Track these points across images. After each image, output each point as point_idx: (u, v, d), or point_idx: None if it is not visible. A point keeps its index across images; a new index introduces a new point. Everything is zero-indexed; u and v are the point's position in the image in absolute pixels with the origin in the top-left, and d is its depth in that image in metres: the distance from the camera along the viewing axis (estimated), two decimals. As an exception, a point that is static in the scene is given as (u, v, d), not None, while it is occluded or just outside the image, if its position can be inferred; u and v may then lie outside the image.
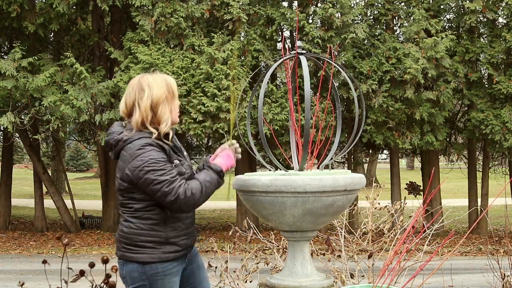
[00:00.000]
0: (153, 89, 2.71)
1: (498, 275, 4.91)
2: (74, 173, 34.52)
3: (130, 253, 2.74)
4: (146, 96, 2.70)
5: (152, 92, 2.70)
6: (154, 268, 2.71)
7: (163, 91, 2.72)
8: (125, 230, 2.75)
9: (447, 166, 18.78)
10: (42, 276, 8.84)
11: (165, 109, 2.72)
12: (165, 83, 2.75)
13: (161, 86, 2.73)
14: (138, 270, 2.73)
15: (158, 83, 2.73)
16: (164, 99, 2.72)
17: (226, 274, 4.40)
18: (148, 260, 2.71)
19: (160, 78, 2.76)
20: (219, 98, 11.85)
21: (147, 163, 2.60)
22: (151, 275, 2.72)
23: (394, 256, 3.02)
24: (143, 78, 2.77)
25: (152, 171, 2.60)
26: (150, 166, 2.60)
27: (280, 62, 3.54)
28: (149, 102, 2.69)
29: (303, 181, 3.15)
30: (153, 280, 2.72)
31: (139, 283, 2.74)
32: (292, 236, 3.44)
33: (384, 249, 4.56)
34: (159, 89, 2.72)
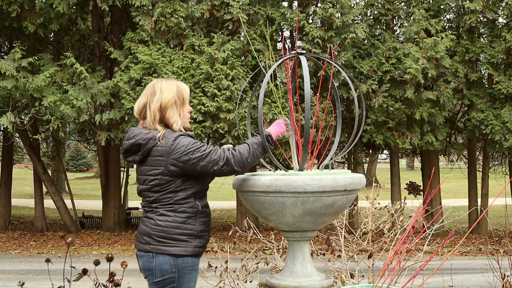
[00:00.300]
0: (163, 93, 2.94)
1: (498, 275, 4.92)
2: (74, 173, 34.53)
3: (163, 246, 2.88)
4: (156, 99, 2.93)
5: (162, 96, 2.93)
6: (186, 261, 2.89)
7: (172, 96, 2.94)
8: (161, 223, 2.89)
9: (447, 166, 18.78)
10: (42, 276, 8.86)
11: (173, 112, 2.94)
12: (176, 89, 2.97)
13: (172, 91, 2.95)
14: (170, 262, 2.88)
15: (170, 88, 2.96)
16: (172, 104, 2.93)
17: (226, 274, 4.40)
18: (182, 253, 2.88)
19: (173, 84, 2.98)
20: (219, 98, 11.85)
21: (188, 145, 2.84)
22: (182, 268, 2.89)
23: (394, 256, 3.02)
24: (157, 82, 3.01)
25: (196, 149, 2.84)
26: (193, 146, 2.84)
27: (280, 62, 3.54)
28: (158, 105, 2.92)
29: (303, 181, 3.15)
30: (183, 273, 2.89)
31: (168, 275, 2.88)
32: (292, 236, 3.44)
33: (384, 249, 4.56)
34: (169, 94, 2.93)
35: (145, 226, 2.95)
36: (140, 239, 2.96)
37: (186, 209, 2.90)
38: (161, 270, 2.89)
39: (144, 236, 2.93)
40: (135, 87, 12.27)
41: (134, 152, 2.95)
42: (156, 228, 2.90)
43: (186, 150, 2.83)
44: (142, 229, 2.97)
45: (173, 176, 2.87)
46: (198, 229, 2.93)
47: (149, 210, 2.96)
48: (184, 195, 2.90)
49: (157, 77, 12.02)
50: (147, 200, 2.96)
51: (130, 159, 2.99)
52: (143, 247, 2.93)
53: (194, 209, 2.93)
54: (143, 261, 2.95)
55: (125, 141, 2.98)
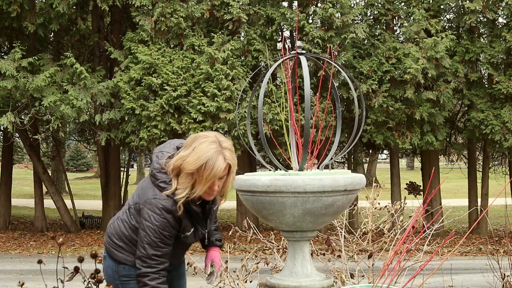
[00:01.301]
0: (190, 156, 2.53)
1: (498, 275, 4.91)
2: (74, 173, 34.51)
3: (110, 247, 2.76)
4: (181, 155, 2.56)
5: (187, 158, 2.53)
6: (128, 269, 2.71)
7: (194, 167, 2.51)
8: (117, 227, 2.76)
9: (447, 166, 18.77)
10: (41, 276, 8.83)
11: (186, 179, 2.54)
12: (202, 164, 2.50)
13: (197, 162, 2.50)
14: (112, 268, 2.75)
15: (199, 155, 2.51)
16: (189, 173, 2.52)
17: (226, 274, 4.40)
18: (122, 261, 2.71)
19: (207, 155, 2.51)
20: (219, 98, 11.85)
21: (150, 225, 2.56)
22: (123, 275, 2.72)
23: (394, 256, 3.02)
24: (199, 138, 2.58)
25: (147, 234, 2.56)
26: (150, 230, 2.55)
27: (280, 62, 3.54)
28: (179, 164, 2.55)
29: (303, 181, 3.15)
30: (125, 282, 2.72)
31: (112, 281, 2.75)
32: (292, 236, 3.44)
33: (384, 249, 4.56)
34: (193, 163, 2.51)
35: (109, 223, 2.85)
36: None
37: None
38: (107, 274, 2.77)
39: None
40: (135, 87, 12.27)
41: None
42: (111, 227, 2.79)
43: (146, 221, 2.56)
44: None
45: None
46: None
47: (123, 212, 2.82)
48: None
49: (157, 77, 12.02)
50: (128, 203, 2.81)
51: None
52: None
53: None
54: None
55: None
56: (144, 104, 11.99)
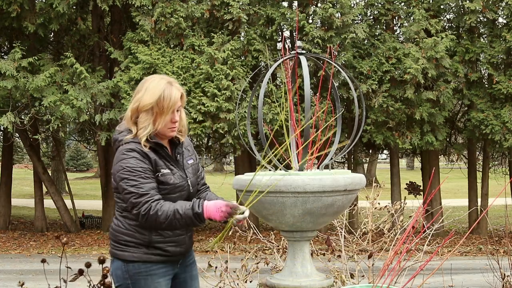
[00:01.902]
0: (145, 94, 2.66)
1: (498, 275, 4.91)
2: (74, 173, 34.51)
3: (115, 250, 2.76)
4: (137, 98, 2.69)
5: (142, 97, 2.66)
6: (137, 267, 2.70)
7: (151, 102, 2.64)
8: (114, 227, 2.78)
9: (447, 166, 18.78)
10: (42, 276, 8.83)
11: (146, 117, 2.65)
12: (159, 96, 2.64)
13: (154, 95, 2.64)
14: (121, 268, 2.74)
15: (154, 92, 2.65)
16: (149, 109, 2.65)
17: (226, 274, 4.40)
18: (130, 258, 2.70)
19: (160, 88, 2.66)
20: (219, 98, 11.85)
21: (123, 171, 2.60)
22: (133, 274, 2.71)
23: (394, 256, 3.02)
24: (147, 80, 2.74)
25: (125, 179, 2.60)
26: (125, 174, 2.60)
27: (280, 62, 3.54)
28: (136, 106, 2.68)
29: (303, 181, 3.15)
30: (136, 279, 2.71)
31: (122, 281, 2.74)
32: (292, 236, 3.44)
33: (384, 249, 4.56)
34: (150, 98, 2.64)
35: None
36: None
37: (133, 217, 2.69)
38: (116, 276, 2.76)
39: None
40: (135, 87, 12.23)
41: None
42: (111, 231, 2.80)
43: (118, 172, 2.62)
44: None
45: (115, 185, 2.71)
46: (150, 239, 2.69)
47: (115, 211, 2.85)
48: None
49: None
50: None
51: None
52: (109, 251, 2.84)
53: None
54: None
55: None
56: (144, 104, 11.98)
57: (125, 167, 2.60)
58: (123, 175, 2.60)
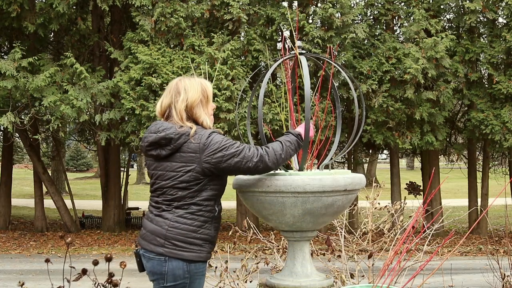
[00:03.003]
0: (188, 92, 2.88)
1: (498, 275, 4.92)
2: (74, 173, 34.52)
3: (179, 251, 2.79)
4: (181, 99, 2.87)
5: (188, 95, 2.87)
6: (198, 267, 2.84)
7: (198, 95, 2.89)
8: (179, 225, 2.79)
9: (447, 166, 18.78)
10: (42, 276, 8.85)
11: (200, 111, 2.89)
12: (201, 88, 2.92)
13: (197, 90, 2.90)
14: (183, 268, 2.81)
15: (194, 87, 2.90)
16: (198, 103, 2.89)
17: (226, 274, 4.40)
18: (196, 258, 2.82)
19: (196, 82, 2.93)
20: (219, 98, 11.85)
21: (222, 142, 2.80)
22: (194, 273, 2.83)
23: (394, 256, 3.02)
24: (180, 81, 2.93)
25: (230, 145, 2.80)
26: (227, 143, 2.80)
27: (280, 62, 3.54)
28: (184, 105, 2.87)
29: (303, 181, 3.15)
30: (194, 279, 2.85)
31: (181, 280, 2.82)
32: (292, 236, 3.44)
33: (384, 249, 4.56)
34: (194, 93, 2.89)
35: (159, 226, 2.81)
36: (151, 240, 2.81)
37: (204, 212, 2.83)
38: (174, 275, 2.79)
39: (157, 238, 2.79)
40: (135, 87, 12.27)
41: (161, 146, 2.81)
42: (173, 230, 2.79)
43: (220, 147, 2.79)
44: (154, 229, 2.82)
45: (204, 175, 2.81)
46: (212, 234, 2.89)
47: (166, 209, 2.82)
48: (207, 195, 2.84)
49: (157, 77, 12.03)
50: (167, 198, 2.82)
51: (154, 153, 2.85)
52: (155, 249, 2.79)
53: (212, 214, 2.87)
54: (153, 264, 2.81)
55: (152, 134, 2.84)
56: (144, 104, 11.99)
57: (221, 139, 2.81)
58: (226, 144, 2.80)
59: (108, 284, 2.85)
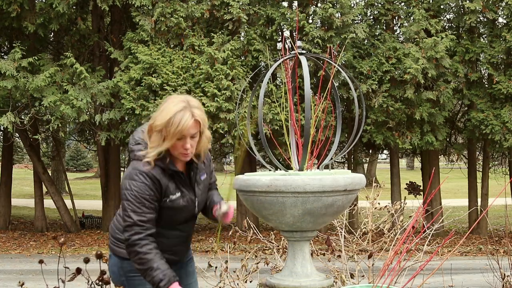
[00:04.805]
0: (159, 114, 2.58)
1: (498, 275, 4.92)
2: (74, 173, 34.51)
3: (113, 246, 2.77)
4: (154, 115, 2.62)
5: (157, 116, 2.58)
6: (132, 265, 2.68)
7: (161, 122, 2.55)
8: (114, 223, 2.79)
9: (447, 166, 18.78)
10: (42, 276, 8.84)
11: (156, 137, 2.58)
12: (168, 120, 2.54)
13: (164, 118, 2.54)
14: (117, 264, 2.75)
15: (166, 113, 2.55)
16: (158, 130, 2.56)
17: (226, 274, 4.40)
18: (126, 256, 2.68)
19: (172, 111, 2.55)
20: (219, 98, 11.85)
21: (130, 192, 2.57)
22: (128, 271, 2.72)
23: (394, 256, 3.02)
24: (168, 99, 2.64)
25: (129, 201, 2.56)
26: (131, 197, 2.56)
27: (280, 62, 3.54)
28: (151, 123, 2.61)
29: (303, 181, 3.15)
30: (130, 277, 2.72)
31: (117, 278, 2.76)
32: (292, 236, 3.44)
33: (384, 249, 4.56)
34: (161, 119, 2.56)
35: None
36: None
37: None
38: (112, 272, 2.77)
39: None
40: (135, 87, 12.27)
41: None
42: (111, 227, 2.80)
43: (126, 191, 2.58)
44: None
45: None
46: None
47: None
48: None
49: (157, 77, 12.03)
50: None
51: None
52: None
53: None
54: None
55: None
56: (144, 104, 11.99)
57: (133, 189, 2.57)
58: (129, 197, 2.57)
59: (100, 282, 2.84)
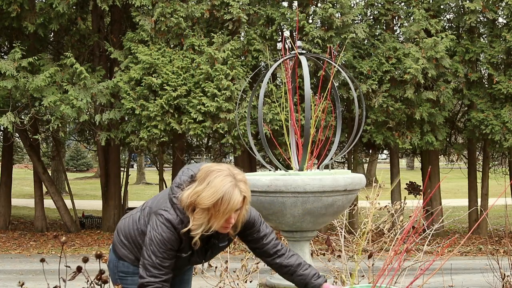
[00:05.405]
0: (206, 191, 2.42)
1: (498, 275, 4.91)
2: (74, 173, 34.50)
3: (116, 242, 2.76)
4: (197, 190, 2.45)
5: (202, 193, 2.42)
6: (126, 266, 2.69)
7: (210, 202, 2.40)
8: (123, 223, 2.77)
9: (447, 166, 18.77)
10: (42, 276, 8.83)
11: (202, 215, 2.45)
12: (219, 198, 2.39)
13: (214, 196, 2.40)
14: (113, 262, 2.75)
15: (215, 190, 2.41)
16: (205, 209, 2.43)
17: (226, 274, 4.40)
18: (123, 257, 2.70)
19: (222, 189, 2.40)
20: (219, 98, 11.85)
21: (157, 235, 2.51)
22: (121, 271, 2.72)
23: (394, 256, 3.01)
24: (213, 172, 2.46)
25: (152, 243, 2.52)
26: (155, 239, 2.51)
27: (280, 62, 3.54)
28: (194, 199, 2.45)
29: (303, 181, 3.15)
30: (123, 277, 2.72)
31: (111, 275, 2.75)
32: (292, 236, 3.44)
33: (384, 249, 4.56)
34: (209, 198, 2.41)
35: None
36: None
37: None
38: (108, 268, 2.77)
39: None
40: (135, 87, 12.27)
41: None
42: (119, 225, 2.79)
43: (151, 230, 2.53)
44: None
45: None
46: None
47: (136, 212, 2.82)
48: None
49: (157, 77, 12.03)
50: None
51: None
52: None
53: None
54: None
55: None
56: (144, 104, 11.99)
57: (162, 235, 2.50)
58: (155, 239, 2.51)
59: (98, 281, 2.84)
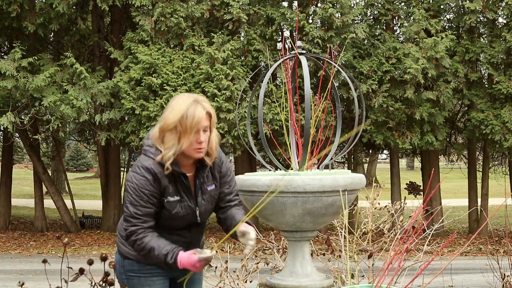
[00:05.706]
0: (170, 113, 2.57)
1: (498, 275, 4.91)
2: (74, 173, 34.51)
3: (119, 243, 2.78)
4: (162, 117, 2.61)
5: (167, 116, 2.57)
6: (131, 264, 2.71)
7: (175, 120, 2.54)
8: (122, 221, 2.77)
9: (447, 166, 18.78)
10: (42, 276, 8.84)
11: (171, 136, 2.56)
12: (183, 114, 2.54)
13: (177, 114, 2.54)
14: (119, 262, 2.77)
15: (178, 110, 2.55)
16: (172, 128, 2.55)
17: (226, 274, 4.40)
18: (127, 255, 2.72)
19: (184, 106, 2.56)
20: (219, 98, 11.85)
21: (130, 184, 2.59)
22: (127, 270, 2.73)
23: (394, 256, 3.01)
24: (174, 98, 2.65)
25: (129, 193, 2.59)
26: (130, 189, 2.58)
27: (280, 62, 3.54)
28: (161, 124, 2.60)
29: (303, 181, 3.15)
30: (129, 276, 2.74)
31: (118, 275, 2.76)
32: (292, 236, 3.44)
33: (384, 249, 4.56)
34: (173, 116, 2.55)
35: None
36: None
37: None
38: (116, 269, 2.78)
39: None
40: (135, 87, 12.27)
41: None
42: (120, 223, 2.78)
43: (128, 182, 2.60)
44: None
45: None
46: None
47: None
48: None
49: (157, 77, 12.03)
50: None
51: None
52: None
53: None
54: None
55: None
56: (144, 104, 11.99)
57: (134, 182, 2.59)
58: (129, 189, 2.60)
59: (104, 283, 2.84)
